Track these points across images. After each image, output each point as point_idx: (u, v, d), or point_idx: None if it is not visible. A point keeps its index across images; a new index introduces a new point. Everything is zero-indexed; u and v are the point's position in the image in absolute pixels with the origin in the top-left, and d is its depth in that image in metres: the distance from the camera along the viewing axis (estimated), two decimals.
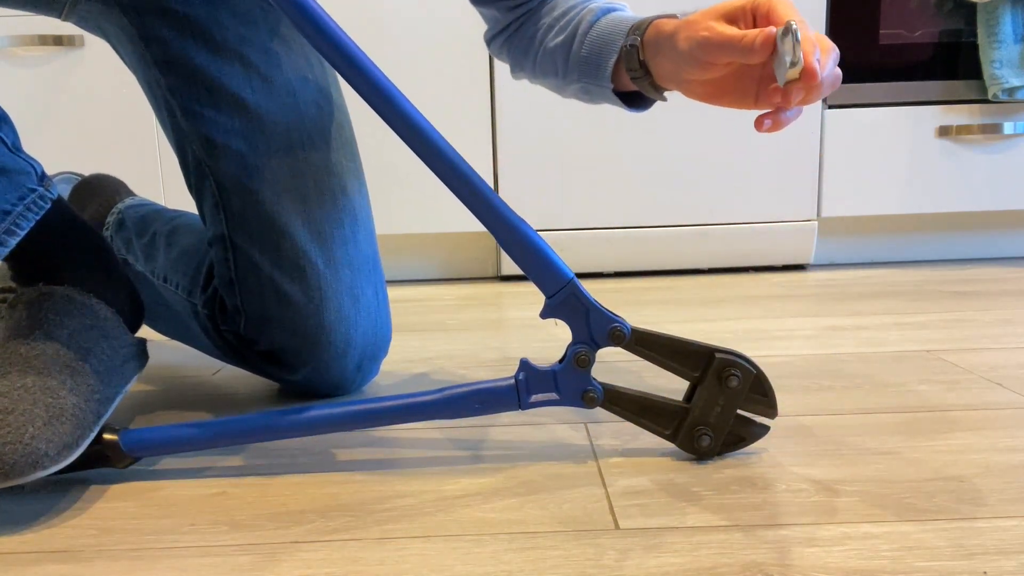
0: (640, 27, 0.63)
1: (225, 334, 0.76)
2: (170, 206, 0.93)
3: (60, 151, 1.40)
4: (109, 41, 0.78)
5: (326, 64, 0.76)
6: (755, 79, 0.59)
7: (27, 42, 1.39)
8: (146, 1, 0.72)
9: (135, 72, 0.77)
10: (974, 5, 1.39)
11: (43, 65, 1.40)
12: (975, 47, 1.40)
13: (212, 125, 0.71)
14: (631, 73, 0.64)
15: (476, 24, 0.80)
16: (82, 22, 0.77)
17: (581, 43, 0.67)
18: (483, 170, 1.41)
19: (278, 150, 0.71)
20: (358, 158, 0.78)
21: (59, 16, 0.76)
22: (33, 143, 0.60)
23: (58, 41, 1.39)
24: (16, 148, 0.58)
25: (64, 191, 0.94)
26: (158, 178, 1.44)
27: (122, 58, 0.78)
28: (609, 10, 0.68)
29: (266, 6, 0.73)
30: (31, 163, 0.58)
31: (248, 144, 0.71)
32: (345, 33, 0.56)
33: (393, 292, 0.73)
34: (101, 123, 1.42)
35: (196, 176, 0.74)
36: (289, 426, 0.59)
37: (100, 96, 1.42)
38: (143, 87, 0.76)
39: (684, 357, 0.58)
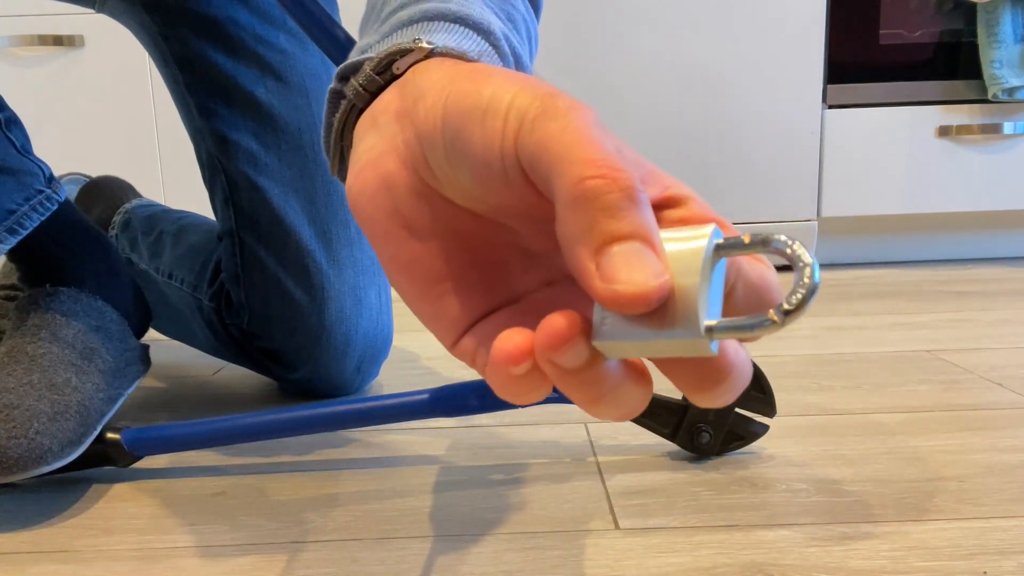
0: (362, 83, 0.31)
1: (230, 328, 0.76)
2: (171, 206, 0.94)
3: (60, 151, 1.40)
4: (135, 35, 0.79)
5: None
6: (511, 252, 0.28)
7: (27, 42, 1.39)
8: (167, 0, 0.73)
9: (156, 67, 0.78)
10: (974, 5, 1.39)
11: (43, 65, 1.40)
12: (975, 47, 1.40)
13: (225, 122, 0.72)
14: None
15: None
16: (113, 15, 0.79)
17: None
18: None
19: (288, 150, 0.72)
20: None
21: (94, 8, 0.78)
22: (33, 143, 0.60)
23: (58, 41, 1.39)
24: (25, 150, 0.58)
25: (72, 191, 0.95)
26: (158, 178, 1.44)
27: (147, 51, 0.79)
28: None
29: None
30: (39, 165, 0.59)
31: (259, 142, 0.72)
32: None
33: (394, 292, 0.74)
34: (101, 123, 1.42)
35: (209, 171, 0.76)
36: (289, 426, 0.59)
37: (100, 96, 1.42)
38: (164, 81, 0.78)
39: None
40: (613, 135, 0.23)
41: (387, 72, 0.30)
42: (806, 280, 0.19)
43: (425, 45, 0.29)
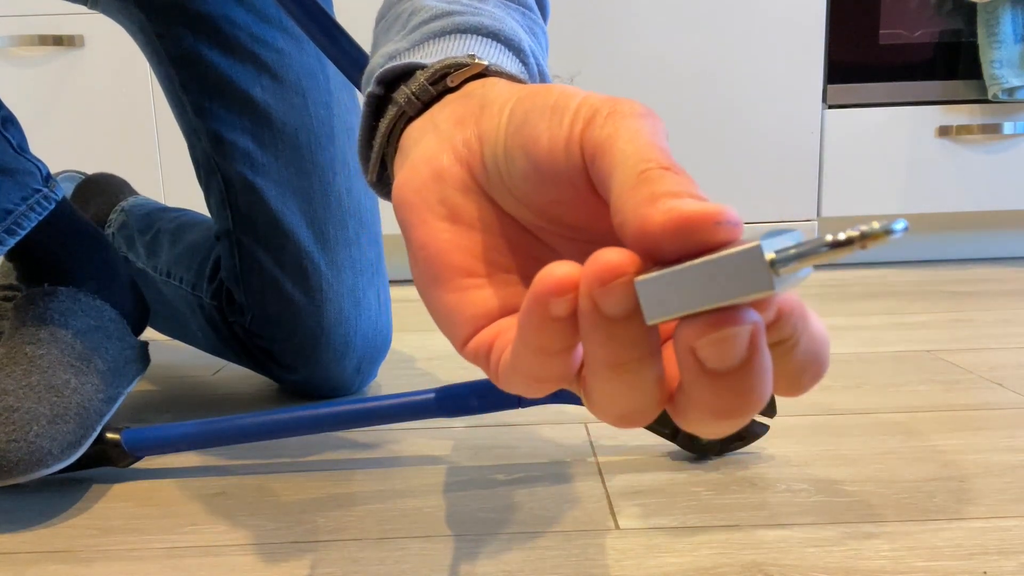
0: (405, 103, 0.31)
1: (233, 326, 0.76)
2: (171, 206, 0.93)
3: (60, 151, 1.40)
4: (129, 34, 0.79)
5: None
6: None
7: (27, 42, 1.39)
8: None
9: (151, 65, 0.78)
10: (974, 5, 1.39)
11: (43, 65, 1.40)
12: (975, 47, 1.40)
13: (221, 122, 0.72)
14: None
15: None
16: (107, 13, 0.79)
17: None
18: None
19: (285, 149, 0.72)
20: None
21: (86, 5, 0.78)
22: (33, 143, 0.60)
23: (58, 41, 1.39)
24: (22, 149, 0.58)
25: (67, 189, 0.94)
26: (158, 178, 1.44)
27: (141, 50, 0.79)
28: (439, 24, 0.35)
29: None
30: (36, 164, 0.59)
31: (256, 142, 0.72)
32: None
33: (393, 292, 0.74)
34: (101, 123, 1.42)
35: (205, 171, 0.75)
36: (289, 426, 0.59)
37: (100, 96, 1.42)
38: (158, 80, 0.78)
39: None
40: None
41: (440, 83, 0.30)
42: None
43: (481, 61, 0.30)
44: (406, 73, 0.32)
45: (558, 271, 0.20)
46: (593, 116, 0.23)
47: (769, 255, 0.17)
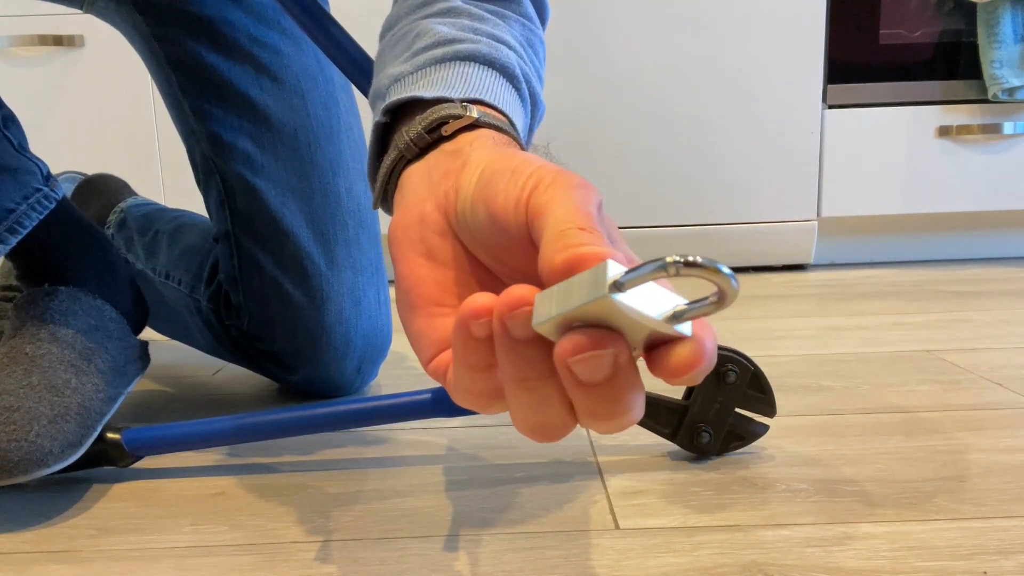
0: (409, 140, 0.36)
1: (230, 329, 0.76)
2: (171, 206, 0.93)
3: (60, 151, 1.40)
4: (126, 37, 0.79)
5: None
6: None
7: (27, 42, 1.39)
8: (160, 1, 0.72)
9: (148, 68, 0.77)
10: (974, 5, 1.39)
11: (43, 65, 1.40)
12: (975, 47, 1.40)
13: (220, 124, 0.72)
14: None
15: None
16: (101, 16, 0.79)
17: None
18: None
19: (285, 150, 0.72)
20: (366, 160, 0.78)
21: (81, 8, 0.77)
22: (33, 143, 0.60)
23: (58, 41, 1.39)
24: (22, 148, 0.58)
25: (67, 190, 0.94)
26: (158, 178, 1.44)
27: (138, 53, 0.79)
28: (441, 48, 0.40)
29: (277, 6, 0.73)
30: (37, 163, 0.59)
31: (255, 144, 0.72)
32: None
33: (394, 293, 0.74)
34: (101, 123, 1.42)
35: (203, 173, 0.75)
36: (289, 426, 0.59)
37: (100, 96, 1.42)
38: (155, 83, 0.77)
39: None
40: (609, 219, 0.28)
41: (436, 131, 0.35)
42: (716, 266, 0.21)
43: (472, 114, 0.35)
44: (408, 105, 0.37)
45: (478, 300, 0.25)
46: (538, 184, 0.28)
47: (615, 272, 0.22)
